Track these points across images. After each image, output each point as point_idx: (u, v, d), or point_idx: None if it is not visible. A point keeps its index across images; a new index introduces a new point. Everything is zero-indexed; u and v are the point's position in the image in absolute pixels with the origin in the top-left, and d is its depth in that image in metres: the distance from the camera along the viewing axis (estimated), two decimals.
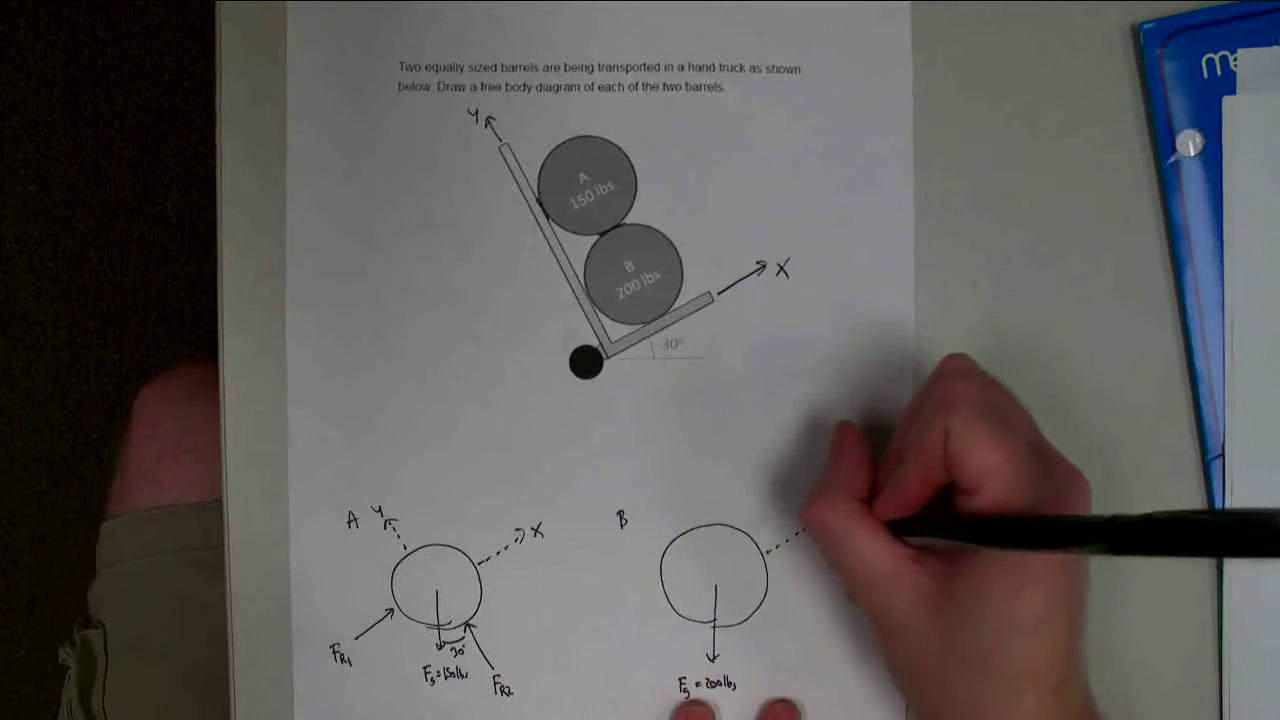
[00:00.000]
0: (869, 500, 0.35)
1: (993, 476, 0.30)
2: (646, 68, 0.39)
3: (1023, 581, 0.31)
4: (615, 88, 0.39)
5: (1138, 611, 0.39)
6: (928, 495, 0.33)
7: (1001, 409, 0.32)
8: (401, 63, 0.39)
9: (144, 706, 0.52)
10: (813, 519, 0.34)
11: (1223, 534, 0.24)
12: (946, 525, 0.32)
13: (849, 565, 0.34)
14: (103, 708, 0.52)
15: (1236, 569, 0.38)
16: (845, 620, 0.39)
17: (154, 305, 0.99)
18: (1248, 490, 0.38)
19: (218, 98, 0.39)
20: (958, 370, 0.33)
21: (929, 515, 0.33)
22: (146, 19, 0.97)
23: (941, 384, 0.32)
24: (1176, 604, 0.39)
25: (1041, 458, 0.32)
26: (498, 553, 0.39)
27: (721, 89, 0.39)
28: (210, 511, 0.53)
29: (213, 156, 0.39)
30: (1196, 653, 0.39)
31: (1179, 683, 0.39)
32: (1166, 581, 0.39)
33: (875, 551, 0.33)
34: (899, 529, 0.34)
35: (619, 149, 0.39)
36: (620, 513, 0.39)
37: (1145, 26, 0.38)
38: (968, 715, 0.32)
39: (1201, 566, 0.39)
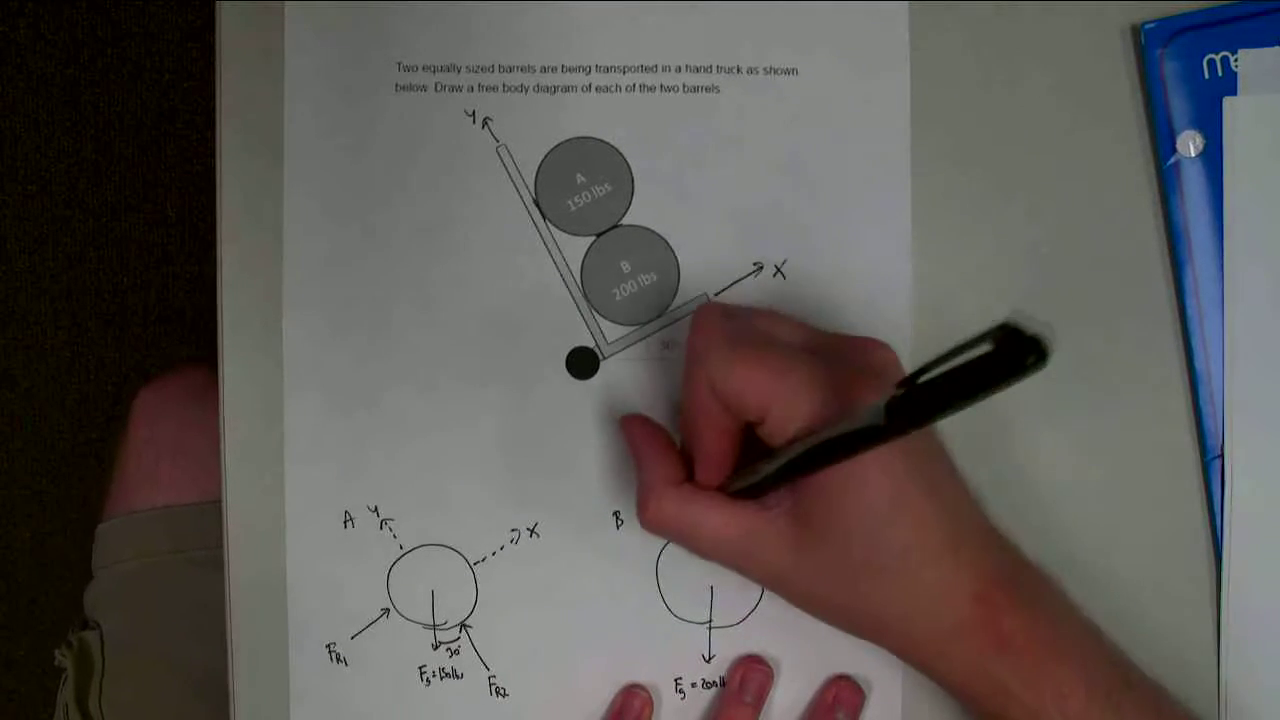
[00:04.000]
0: (690, 477, 0.34)
1: (769, 398, 0.30)
2: (643, 69, 0.39)
3: (858, 480, 0.30)
4: (612, 89, 0.39)
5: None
6: (734, 444, 0.32)
7: (754, 331, 0.32)
8: (399, 63, 0.39)
9: (142, 708, 0.52)
10: (651, 521, 0.34)
11: (987, 368, 0.23)
12: (761, 480, 0.32)
13: (707, 546, 0.33)
14: (100, 710, 0.52)
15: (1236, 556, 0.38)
16: None
17: (154, 305, 0.99)
18: (1248, 490, 0.38)
19: (218, 98, 0.39)
20: (699, 320, 0.33)
21: (749, 457, 0.33)
22: (146, 19, 0.97)
23: (689, 340, 0.32)
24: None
25: (819, 352, 0.32)
26: (494, 553, 0.39)
27: (718, 90, 0.39)
28: (207, 513, 0.52)
29: (213, 156, 0.39)
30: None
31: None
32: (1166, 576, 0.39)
33: (721, 520, 0.33)
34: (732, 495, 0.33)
35: (616, 150, 0.39)
36: (616, 513, 0.39)
37: (1146, 27, 0.38)
38: (880, 621, 0.32)
39: (1200, 558, 0.38)
